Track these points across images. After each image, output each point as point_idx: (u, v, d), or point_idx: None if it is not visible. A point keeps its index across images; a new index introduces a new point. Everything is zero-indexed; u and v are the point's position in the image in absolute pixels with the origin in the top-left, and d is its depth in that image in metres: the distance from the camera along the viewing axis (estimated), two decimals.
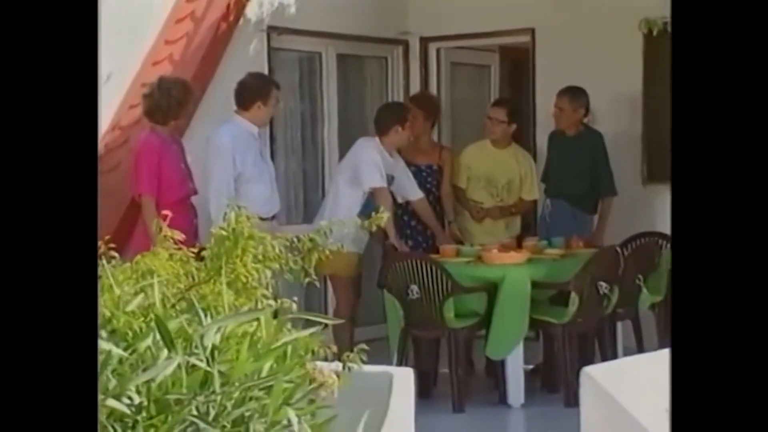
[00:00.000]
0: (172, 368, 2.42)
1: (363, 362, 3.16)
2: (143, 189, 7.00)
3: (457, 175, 8.65)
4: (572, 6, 9.31)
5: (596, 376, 4.41)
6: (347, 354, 3.11)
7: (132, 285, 3.01)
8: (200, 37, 8.15)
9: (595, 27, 9.16)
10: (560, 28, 9.39)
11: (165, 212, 3.47)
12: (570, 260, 7.64)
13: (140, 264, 3.23)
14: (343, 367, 3.10)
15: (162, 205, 6.59)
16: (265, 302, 3.18)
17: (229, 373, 2.54)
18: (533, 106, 9.60)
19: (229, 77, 7.79)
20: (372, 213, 3.45)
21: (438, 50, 10.18)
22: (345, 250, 7.72)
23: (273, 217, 7.51)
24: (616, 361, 5.65)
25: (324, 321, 3.03)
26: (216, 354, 2.56)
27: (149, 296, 2.87)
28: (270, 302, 3.18)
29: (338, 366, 3.05)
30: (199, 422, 2.42)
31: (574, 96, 8.39)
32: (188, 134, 7.77)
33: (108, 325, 2.64)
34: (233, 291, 3.25)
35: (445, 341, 7.46)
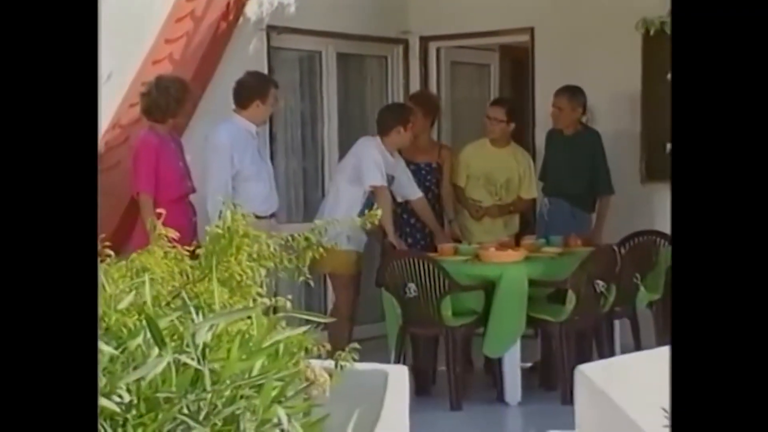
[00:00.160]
0: (162, 366, 2.41)
1: (355, 361, 3.18)
2: (141, 187, 7.01)
3: (457, 174, 8.65)
4: (572, 5, 9.31)
5: (591, 375, 4.42)
6: (339, 353, 3.12)
7: (126, 283, 3.02)
8: (200, 36, 8.15)
9: (595, 26, 9.16)
10: (560, 28, 9.40)
11: (159, 210, 3.48)
12: (568, 258, 7.65)
13: (135, 262, 3.23)
14: (336, 366, 3.11)
15: (160, 204, 6.59)
16: (260, 300, 3.20)
17: (220, 372, 2.52)
18: (532, 105, 9.60)
19: (229, 76, 7.79)
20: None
21: (438, 49, 10.18)
22: (344, 249, 7.85)
23: (271, 216, 7.52)
24: (611, 359, 5.63)
25: (317, 320, 3.04)
26: (207, 352, 2.54)
27: (142, 294, 2.88)
28: (264, 300, 3.19)
29: (331, 364, 3.07)
30: (189, 421, 2.41)
31: (573, 95, 8.40)
32: (188, 133, 7.78)
33: (100, 324, 2.63)
34: (228, 289, 3.25)
35: (443, 339, 7.47)
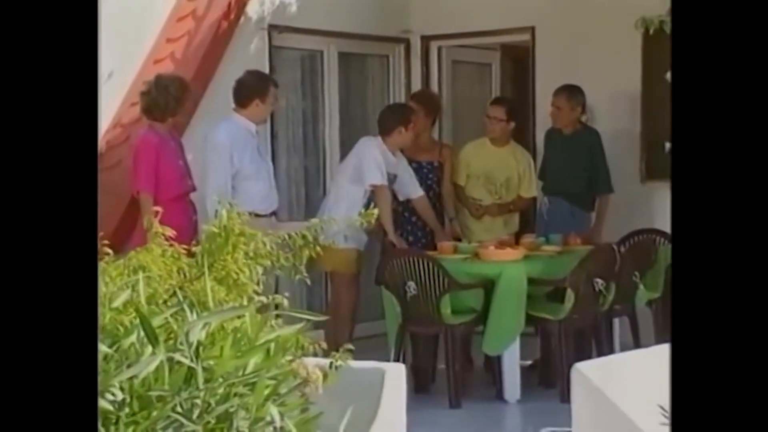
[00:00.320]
0: (155, 365, 2.42)
1: (350, 361, 3.19)
2: (141, 186, 7.04)
3: (457, 173, 8.67)
4: (573, 5, 9.32)
5: (587, 373, 4.42)
6: (334, 353, 3.14)
7: (123, 281, 3.04)
8: (201, 36, 8.16)
9: (595, 26, 9.17)
10: (560, 27, 9.41)
11: (156, 209, 3.50)
12: (567, 257, 7.66)
13: (132, 260, 3.25)
14: (330, 366, 3.13)
15: (160, 202, 6.60)
16: (256, 298, 3.22)
17: (214, 369, 2.52)
18: (533, 105, 9.62)
19: (231, 75, 7.80)
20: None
21: (439, 48, 10.21)
22: (343, 247, 7.86)
23: (272, 214, 7.55)
24: (607, 358, 5.63)
25: (310, 318, 3.05)
26: (201, 350, 2.55)
27: (138, 292, 2.90)
28: (261, 298, 3.21)
29: (321, 362, 3.08)
30: (182, 419, 2.41)
31: (571, 94, 8.41)
32: (189, 132, 7.80)
33: None
34: (225, 287, 3.27)
35: (443, 337, 7.48)
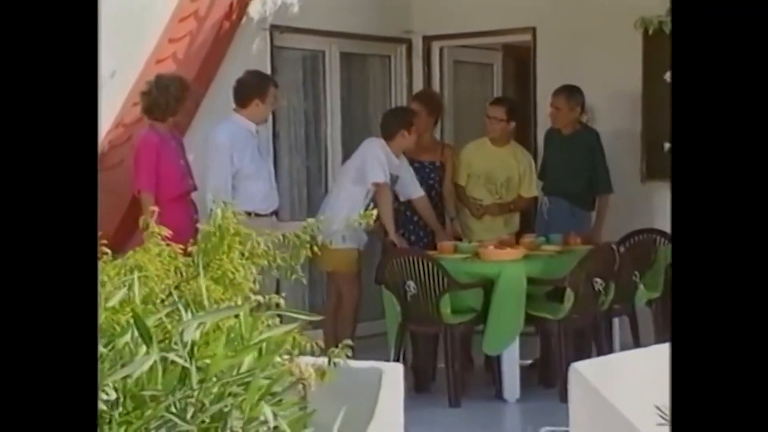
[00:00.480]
0: (149, 364, 2.43)
1: (348, 357, 3.21)
2: (142, 185, 7.05)
3: (457, 173, 8.69)
4: (574, 5, 9.34)
5: (584, 372, 4.44)
6: (332, 350, 3.15)
7: (120, 280, 3.05)
8: (203, 36, 8.18)
9: (596, 26, 9.19)
10: (561, 27, 9.43)
11: (153, 208, 3.51)
12: (566, 257, 7.67)
13: (130, 260, 3.27)
14: (329, 363, 3.14)
15: (161, 202, 6.63)
16: (253, 298, 3.23)
17: (208, 369, 2.54)
18: (534, 105, 9.63)
19: (232, 76, 7.82)
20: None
21: (441, 49, 10.22)
22: (343, 247, 7.87)
23: (272, 214, 7.57)
24: (605, 357, 5.64)
25: (305, 318, 3.06)
26: (195, 350, 2.56)
27: (136, 293, 2.91)
28: (258, 298, 3.22)
29: (318, 361, 3.09)
30: (175, 419, 2.42)
31: (570, 95, 8.42)
32: (191, 132, 7.83)
33: None
34: (221, 287, 3.29)
35: (442, 337, 7.49)
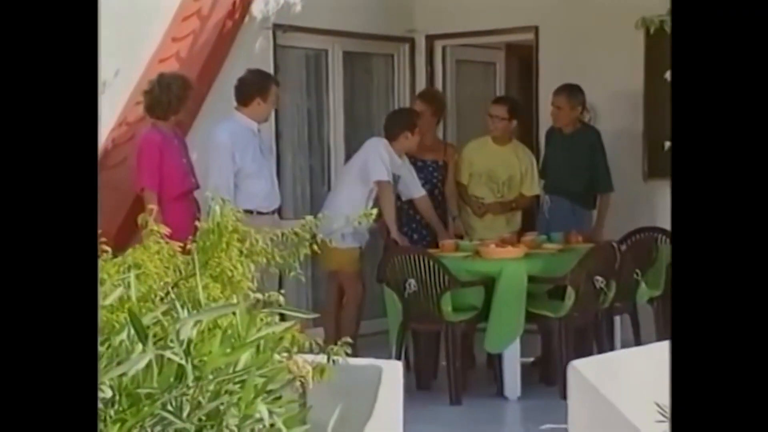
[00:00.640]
0: (145, 362, 2.43)
1: (348, 355, 3.22)
2: (145, 184, 7.07)
3: (459, 172, 8.71)
4: (576, 4, 9.36)
5: (583, 370, 4.45)
6: (331, 347, 3.17)
7: (118, 278, 3.07)
8: (206, 35, 8.21)
9: (598, 25, 9.21)
10: (564, 27, 9.45)
11: (152, 206, 3.53)
12: (568, 255, 7.68)
13: (129, 258, 3.30)
14: (328, 360, 3.16)
15: (164, 200, 6.66)
16: (252, 295, 3.25)
17: (204, 367, 2.54)
18: (536, 103, 9.64)
19: (235, 75, 7.83)
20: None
21: (444, 48, 10.24)
22: (345, 246, 7.89)
23: (274, 212, 7.60)
24: (603, 355, 5.66)
25: (301, 316, 3.08)
26: (191, 348, 2.56)
27: (133, 290, 2.93)
28: (257, 295, 3.24)
29: (315, 358, 3.10)
30: (170, 416, 2.43)
31: (571, 94, 8.43)
32: (194, 131, 7.85)
33: None
34: (220, 284, 3.31)
35: (443, 335, 7.51)
